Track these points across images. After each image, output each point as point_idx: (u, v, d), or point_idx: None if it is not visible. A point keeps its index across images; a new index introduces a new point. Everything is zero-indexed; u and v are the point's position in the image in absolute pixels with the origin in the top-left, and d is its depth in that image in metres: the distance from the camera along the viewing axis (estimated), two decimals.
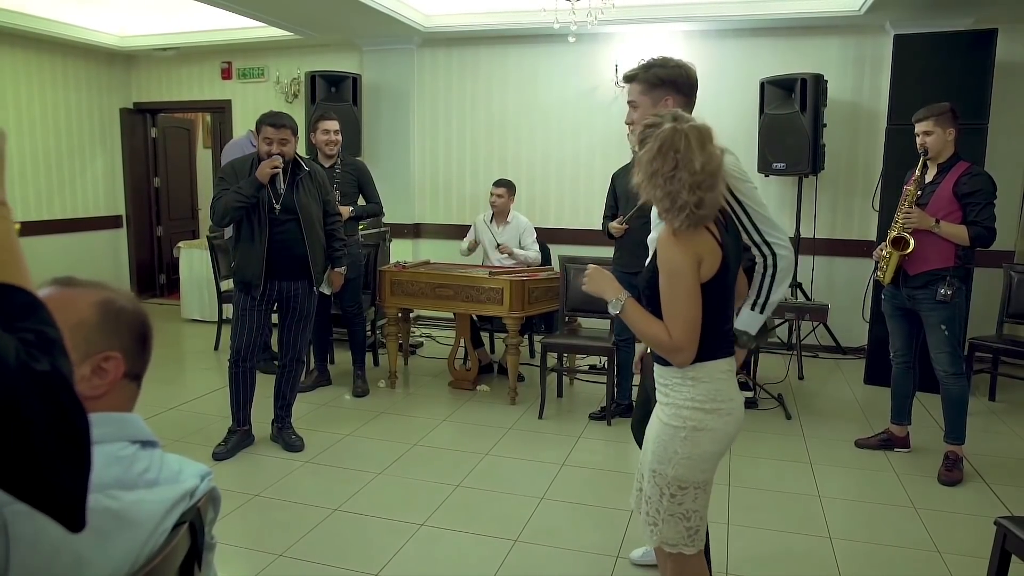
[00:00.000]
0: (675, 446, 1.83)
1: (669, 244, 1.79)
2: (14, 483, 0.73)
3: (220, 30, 6.60)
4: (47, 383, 0.72)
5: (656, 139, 1.76)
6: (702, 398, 1.83)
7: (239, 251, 3.68)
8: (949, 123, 3.39)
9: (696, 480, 1.86)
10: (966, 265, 3.45)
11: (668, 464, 1.84)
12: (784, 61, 5.57)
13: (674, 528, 1.87)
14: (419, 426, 4.15)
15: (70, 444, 0.75)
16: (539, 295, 4.60)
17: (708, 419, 1.83)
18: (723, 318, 1.89)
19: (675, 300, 1.78)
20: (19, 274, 0.80)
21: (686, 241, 1.78)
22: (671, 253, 1.78)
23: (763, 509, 3.19)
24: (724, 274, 1.83)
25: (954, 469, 3.45)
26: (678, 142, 1.74)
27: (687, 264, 1.76)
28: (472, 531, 2.97)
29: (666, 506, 1.86)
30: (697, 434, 1.82)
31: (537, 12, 4.61)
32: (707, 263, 1.79)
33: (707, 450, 1.84)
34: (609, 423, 4.23)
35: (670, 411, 1.86)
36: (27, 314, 0.77)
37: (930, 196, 3.44)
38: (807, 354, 5.48)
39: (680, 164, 1.73)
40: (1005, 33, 4.67)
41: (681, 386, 1.85)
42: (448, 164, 6.65)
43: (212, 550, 1.33)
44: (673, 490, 1.85)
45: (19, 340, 0.73)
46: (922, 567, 2.72)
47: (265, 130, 3.60)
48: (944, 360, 3.45)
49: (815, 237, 5.65)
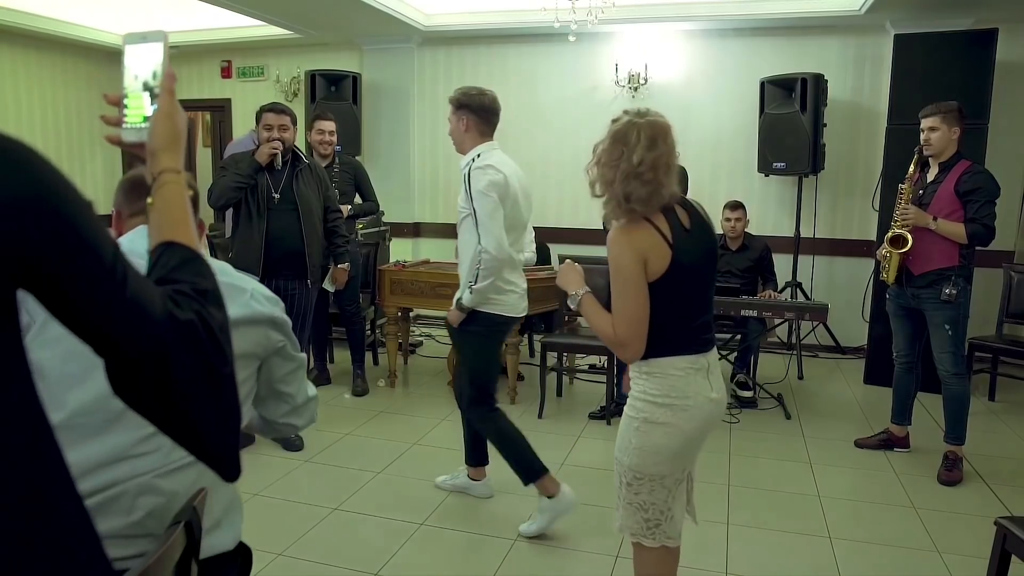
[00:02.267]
0: (629, 435, 1.91)
1: (614, 241, 1.85)
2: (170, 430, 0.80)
3: (220, 29, 6.60)
4: (191, 332, 0.78)
5: (611, 130, 1.86)
6: (655, 392, 1.88)
7: (237, 242, 3.70)
8: (955, 122, 3.38)
9: (651, 472, 1.89)
10: (969, 264, 3.44)
11: (624, 452, 1.92)
12: (784, 61, 5.57)
13: (632, 517, 1.94)
14: (419, 425, 4.15)
15: (215, 390, 0.81)
16: (539, 295, 4.57)
17: (660, 413, 1.87)
18: (686, 315, 1.90)
19: (619, 296, 1.84)
20: (185, 232, 0.90)
21: (630, 238, 1.82)
22: (616, 250, 1.84)
23: (763, 509, 3.19)
24: (675, 272, 1.82)
25: (954, 469, 3.45)
26: (630, 134, 1.81)
27: (631, 261, 1.81)
28: (471, 531, 2.97)
29: (624, 494, 1.94)
30: (649, 426, 1.88)
31: (537, 11, 4.61)
32: (653, 261, 1.81)
33: (659, 443, 1.87)
34: (609, 423, 4.23)
35: (630, 402, 1.95)
36: (184, 267, 0.86)
37: (932, 195, 3.44)
38: (807, 354, 5.48)
39: (624, 155, 1.80)
40: (1005, 33, 4.67)
41: (638, 379, 1.92)
42: (448, 163, 6.64)
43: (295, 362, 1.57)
44: (629, 479, 1.92)
45: (173, 291, 0.80)
46: (922, 567, 2.71)
47: (266, 116, 3.70)
48: (947, 360, 3.45)
49: (815, 237, 5.64)
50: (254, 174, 3.59)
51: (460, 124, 2.86)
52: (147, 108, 0.99)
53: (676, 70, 5.96)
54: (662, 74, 5.96)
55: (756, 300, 4.31)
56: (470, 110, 2.82)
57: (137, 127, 0.98)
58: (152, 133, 0.97)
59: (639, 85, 5.95)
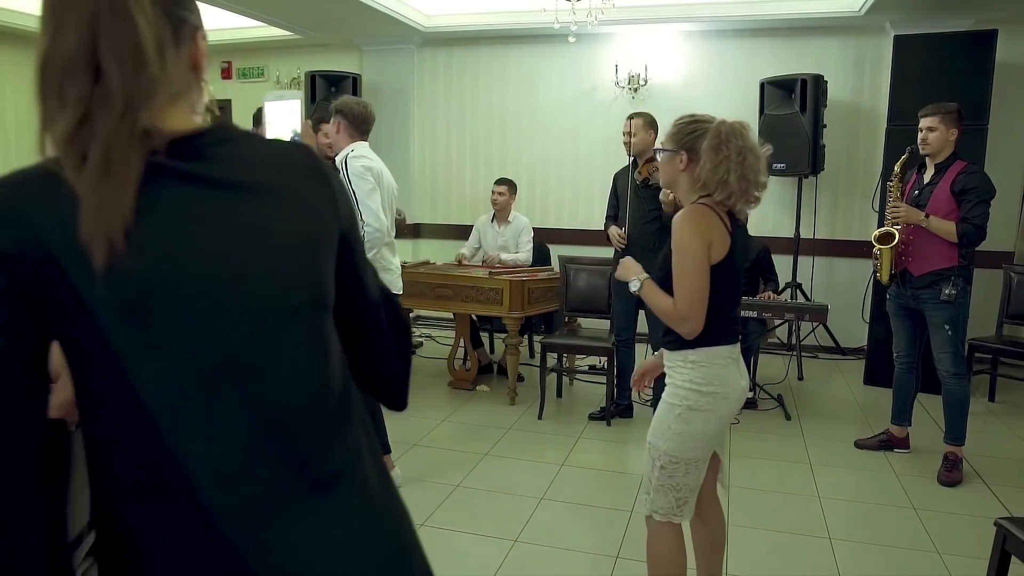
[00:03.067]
0: (669, 421, 2.01)
1: (684, 222, 1.96)
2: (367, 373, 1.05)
3: (220, 29, 6.59)
4: (393, 300, 1.08)
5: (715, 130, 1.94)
6: (700, 380, 1.99)
7: None
8: (953, 123, 3.39)
9: (687, 456, 2.01)
10: (969, 264, 3.44)
11: (661, 438, 2.02)
12: (784, 61, 5.57)
13: (664, 498, 2.04)
14: (419, 426, 4.15)
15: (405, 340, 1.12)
16: (539, 295, 4.60)
17: (704, 400, 1.99)
18: (728, 305, 2.04)
19: (683, 273, 1.95)
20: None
21: (698, 221, 1.95)
22: (686, 230, 1.95)
23: (763, 509, 3.19)
24: (730, 261, 1.98)
25: (953, 470, 3.45)
26: (744, 131, 1.95)
27: (698, 241, 1.93)
28: (472, 531, 2.97)
29: (657, 476, 2.04)
30: (691, 413, 1.99)
31: (537, 12, 4.61)
32: (716, 246, 1.95)
33: (698, 429, 1.99)
34: (609, 423, 4.23)
35: (670, 390, 2.05)
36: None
37: (929, 196, 3.44)
38: (807, 355, 5.48)
39: (739, 151, 1.92)
40: (1005, 34, 4.67)
41: (682, 368, 2.02)
42: (448, 164, 6.65)
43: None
44: (664, 462, 2.02)
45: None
46: (922, 568, 2.71)
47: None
48: (946, 360, 3.45)
49: (815, 238, 5.64)
50: None
51: (336, 128, 3.32)
52: None
53: (676, 71, 5.97)
54: (662, 75, 5.96)
55: (756, 301, 4.31)
56: (343, 116, 3.29)
57: None
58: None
59: (639, 86, 5.96)
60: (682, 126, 2.05)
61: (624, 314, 4.23)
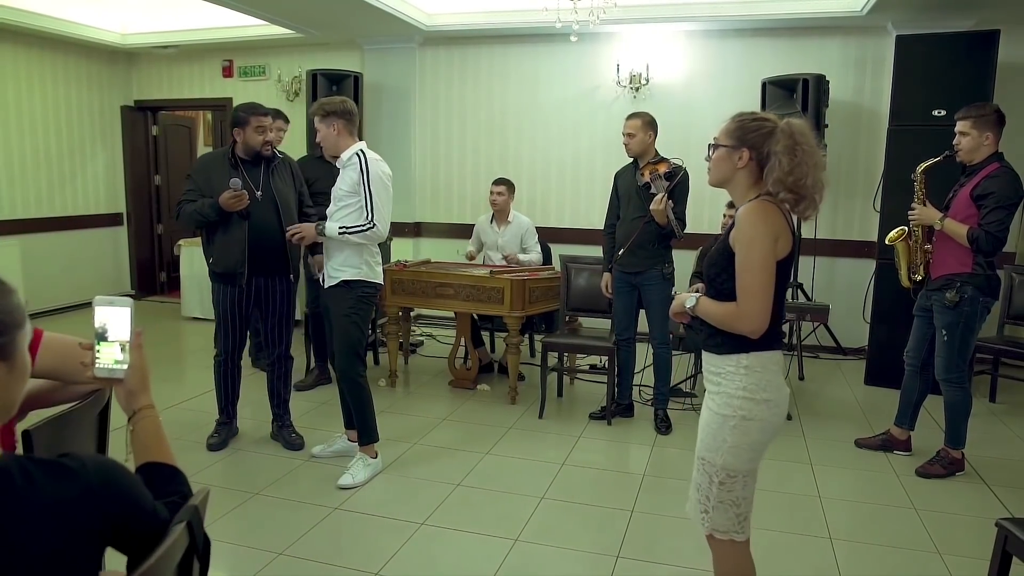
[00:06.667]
0: (724, 434, 1.90)
1: (752, 216, 1.85)
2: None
3: (221, 28, 6.60)
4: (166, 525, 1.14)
5: (787, 130, 1.86)
6: (754, 387, 1.88)
7: (218, 242, 3.62)
8: (988, 127, 3.31)
9: (744, 468, 1.92)
10: (986, 273, 3.36)
11: (717, 452, 1.91)
12: (786, 61, 5.57)
13: (724, 515, 1.94)
14: (419, 425, 4.15)
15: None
16: (540, 294, 4.59)
17: (759, 409, 1.88)
18: (780, 308, 1.94)
19: (751, 268, 1.84)
20: (164, 454, 1.29)
21: (767, 216, 1.85)
22: (754, 223, 1.84)
23: (763, 509, 3.17)
24: (788, 262, 1.89)
25: (935, 464, 3.49)
26: (810, 134, 1.87)
27: (767, 237, 1.83)
28: (472, 530, 2.97)
29: (716, 493, 1.93)
30: (747, 423, 1.88)
31: (539, 11, 4.60)
32: (781, 243, 1.86)
33: (756, 439, 1.90)
34: (609, 423, 4.23)
35: (721, 400, 1.92)
36: (170, 482, 1.25)
37: (954, 199, 3.43)
38: (808, 355, 5.48)
39: (809, 151, 1.85)
40: (1007, 34, 4.66)
41: (734, 375, 1.89)
42: (449, 163, 6.65)
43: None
44: (722, 478, 1.91)
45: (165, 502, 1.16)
46: (922, 568, 2.71)
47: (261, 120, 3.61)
48: (939, 364, 3.46)
49: (816, 238, 5.64)
50: (216, 216, 3.56)
51: (332, 128, 3.29)
52: (117, 355, 1.31)
53: (677, 70, 5.96)
54: (663, 74, 5.96)
55: None
56: (336, 115, 3.28)
57: (109, 367, 1.31)
58: (129, 378, 1.32)
59: (640, 85, 5.95)
60: (745, 122, 1.93)
61: (624, 314, 4.23)
